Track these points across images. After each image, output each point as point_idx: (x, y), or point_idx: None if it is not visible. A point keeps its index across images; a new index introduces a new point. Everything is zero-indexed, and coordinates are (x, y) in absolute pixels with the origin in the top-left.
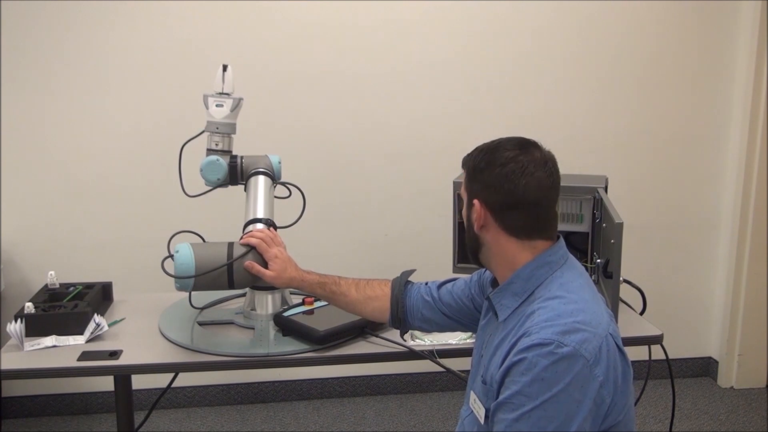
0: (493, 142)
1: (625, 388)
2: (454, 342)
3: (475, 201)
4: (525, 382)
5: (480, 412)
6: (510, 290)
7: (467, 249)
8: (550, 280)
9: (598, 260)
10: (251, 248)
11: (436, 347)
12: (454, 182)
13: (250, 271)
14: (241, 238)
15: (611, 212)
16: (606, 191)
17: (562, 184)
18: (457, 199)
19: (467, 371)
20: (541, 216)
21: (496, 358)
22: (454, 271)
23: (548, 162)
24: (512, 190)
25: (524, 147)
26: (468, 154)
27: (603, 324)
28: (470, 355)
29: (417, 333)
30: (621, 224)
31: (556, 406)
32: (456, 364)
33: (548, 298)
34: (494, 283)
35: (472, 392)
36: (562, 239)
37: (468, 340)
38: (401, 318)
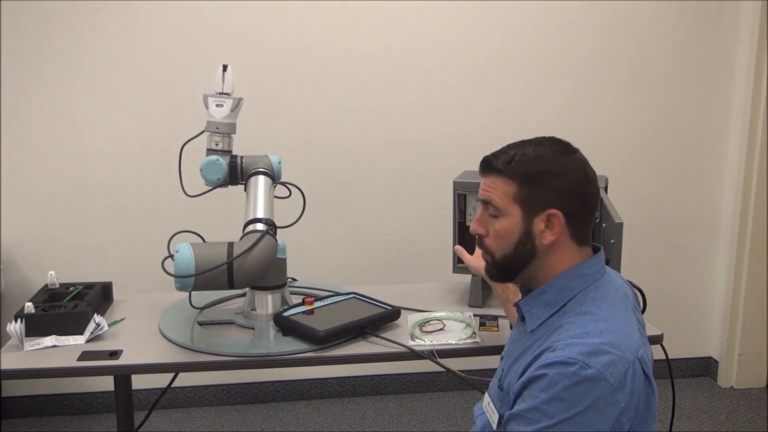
0: (538, 147)
1: (647, 416)
2: (454, 342)
3: (553, 210)
4: (543, 398)
5: (493, 417)
6: (542, 299)
7: (501, 265)
8: (584, 294)
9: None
10: (251, 247)
11: (436, 347)
12: (454, 182)
13: (457, 253)
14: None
15: (611, 212)
16: (606, 191)
17: None
18: (456, 204)
19: (467, 371)
20: (594, 219)
21: (517, 366)
22: (454, 272)
23: (589, 164)
24: (590, 194)
25: (573, 151)
26: (512, 162)
27: (632, 347)
28: (470, 355)
29: (417, 333)
30: (621, 224)
31: (573, 428)
32: (456, 364)
33: (579, 313)
34: (523, 290)
35: (486, 394)
36: (602, 252)
37: (467, 340)
38: None
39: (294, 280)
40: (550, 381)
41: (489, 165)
